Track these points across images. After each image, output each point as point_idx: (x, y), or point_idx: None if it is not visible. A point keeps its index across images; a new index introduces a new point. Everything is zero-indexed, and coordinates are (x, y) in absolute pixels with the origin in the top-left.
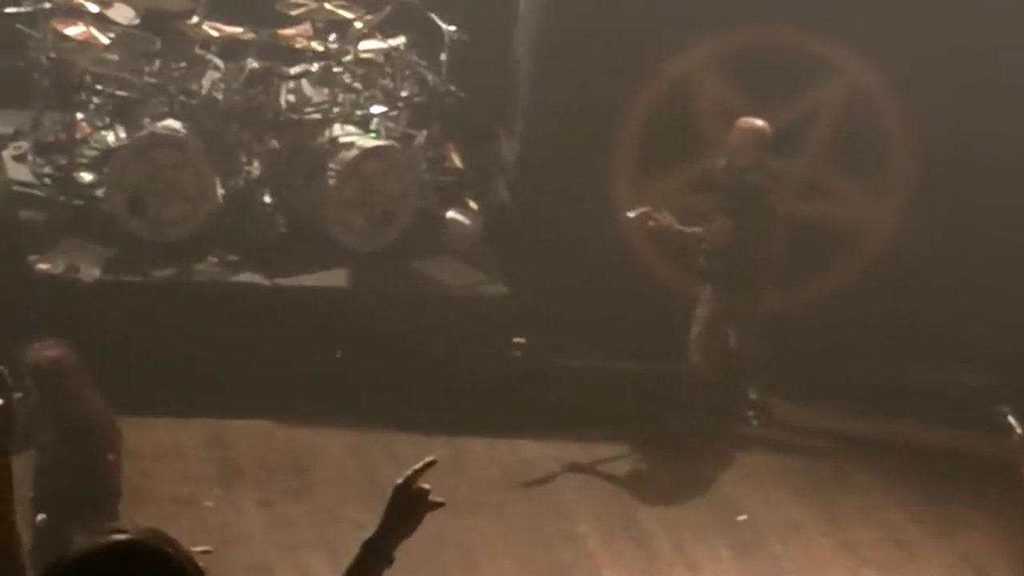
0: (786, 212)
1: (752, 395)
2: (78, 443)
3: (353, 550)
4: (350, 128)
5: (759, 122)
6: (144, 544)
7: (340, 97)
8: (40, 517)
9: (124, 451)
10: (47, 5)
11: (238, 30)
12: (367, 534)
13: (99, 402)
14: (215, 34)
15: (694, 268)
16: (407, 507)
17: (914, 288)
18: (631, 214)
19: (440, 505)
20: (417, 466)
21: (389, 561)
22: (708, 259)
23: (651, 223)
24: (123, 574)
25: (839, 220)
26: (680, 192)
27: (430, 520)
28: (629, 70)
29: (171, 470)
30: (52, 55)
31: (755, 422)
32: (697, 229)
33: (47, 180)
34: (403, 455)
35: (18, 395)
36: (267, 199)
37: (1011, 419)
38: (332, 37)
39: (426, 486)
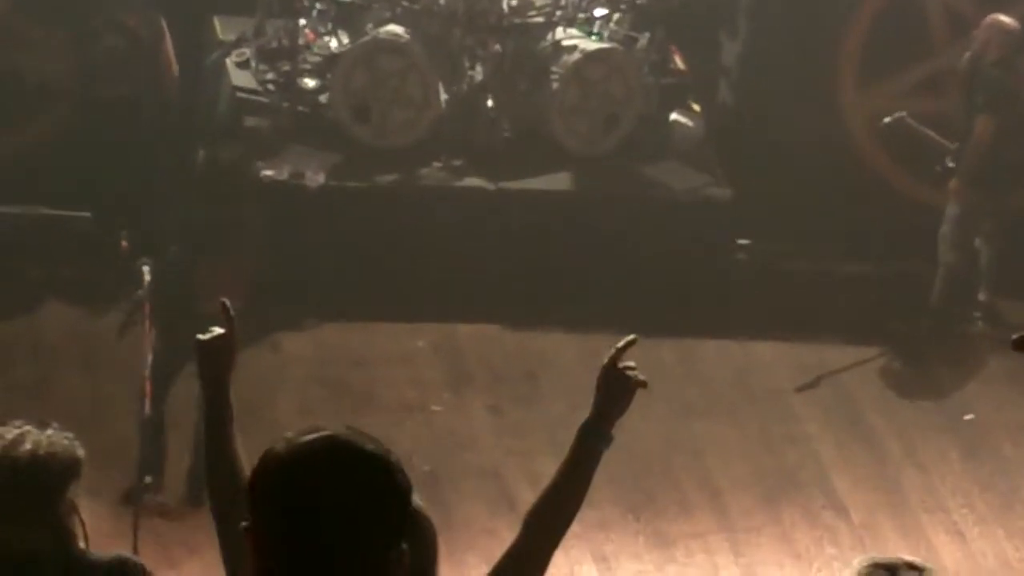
0: None
1: (982, 296)
2: None
3: None
4: (573, 31)
5: (1009, 19)
6: (355, 442)
7: (562, 0)
8: None
9: (353, 358)
10: None
11: None
12: None
13: None
14: None
15: (940, 169)
16: (615, 386)
17: None
18: (887, 120)
19: (644, 384)
20: (619, 344)
21: (607, 441)
22: (960, 158)
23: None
24: (338, 468)
25: None
26: (911, 93)
27: (659, 423)
28: None
29: (399, 376)
30: None
31: (981, 324)
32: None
33: (271, 87)
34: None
35: None
36: (490, 103)
37: None
38: None
39: (630, 363)
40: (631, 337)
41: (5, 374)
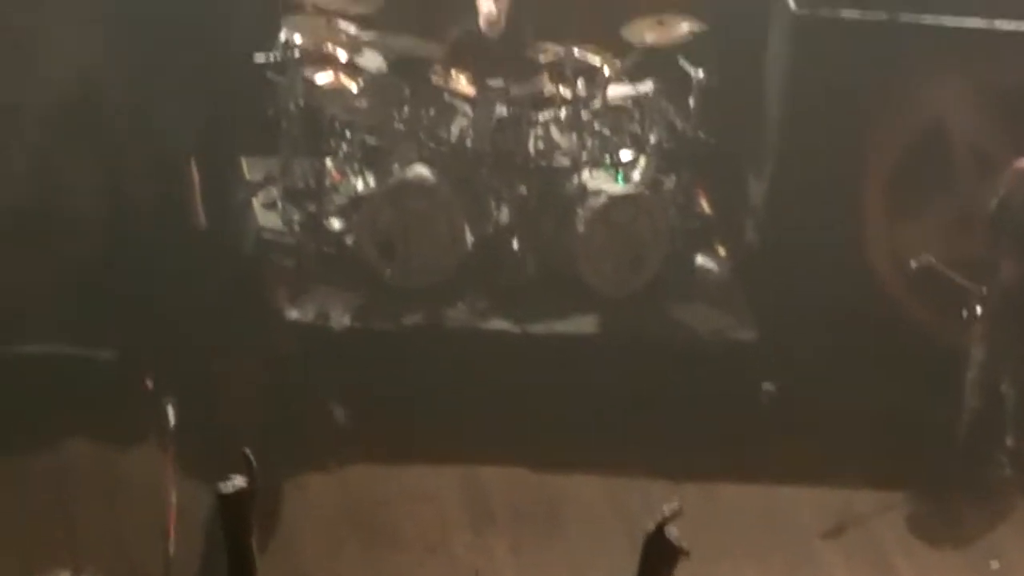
0: None
1: (1009, 441)
2: None
3: None
4: (599, 174)
5: None
6: None
7: (589, 143)
8: None
9: (377, 498)
10: (296, 53)
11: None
12: None
13: None
14: (464, 80)
15: (967, 313)
16: (659, 553)
17: None
18: (914, 264)
19: (687, 553)
20: (665, 514)
21: None
22: (987, 303)
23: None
24: None
25: None
26: (937, 233)
27: (684, 566)
28: (880, 110)
29: (423, 515)
30: (302, 102)
31: (1008, 469)
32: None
33: (297, 227)
34: (656, 501)
35: None
36: (516, 245)
37: None
38: (580, 83)
39: (675, 532)
40: (676, 506)
41: (31, 511)
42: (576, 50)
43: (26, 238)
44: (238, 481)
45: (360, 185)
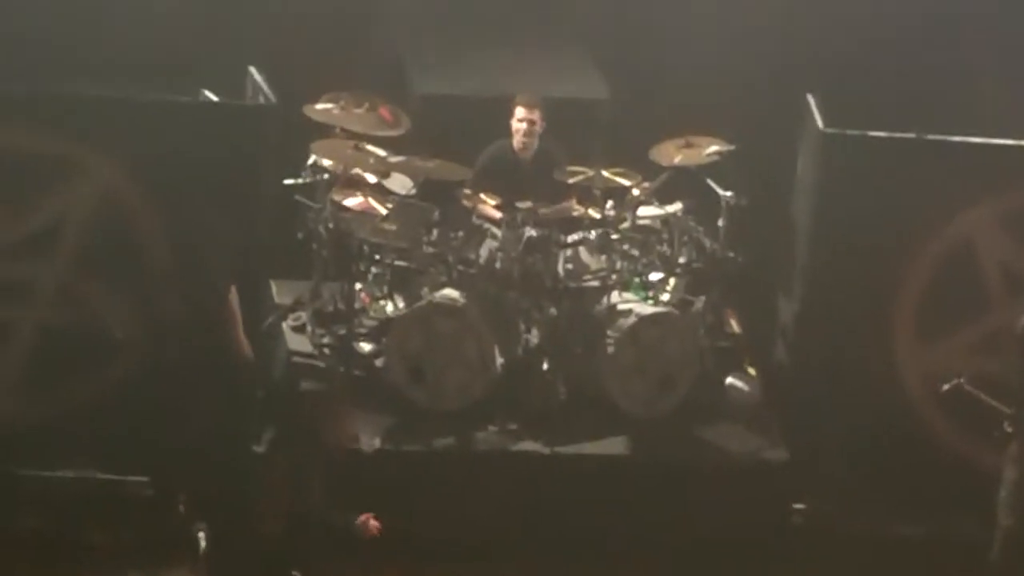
0: None
1: None
2: None
3: None
4: (628, 295)
5: None
6: None
7: (618, 264)
8: None
9: None
10: (325, 176)
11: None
12: None
13: None
14: (492, 203)
15: (998, 434)
16: None
17: None
18: (944, 385)
19: None
20: None
21: None
22: (1018, 423)
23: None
24: None
25: None
26: (967, 352)
27: None
28: (909, 230)
29: None
30: (330, 225)
31: None
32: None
33: (327, 350)
34: None
35: None
36: (546, 366)
37: None
38: (609, 204)
39: None
40: None
41: None
42: (604, 172)
43: (63, 363)
44: None
45: (390, 308)
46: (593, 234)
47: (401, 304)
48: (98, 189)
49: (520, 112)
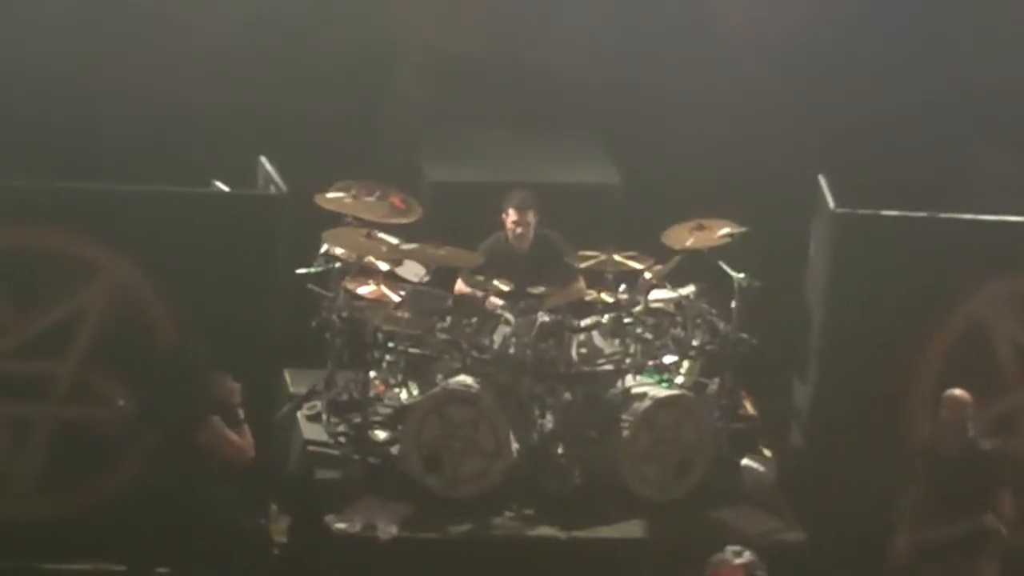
0: None
1: None
2: None
3: None
4: (642, 378)
5: None
6: None
7: (631, 347)
8: None
9: None
10: (337, 265)
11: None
12: None
13: None
14: (505, 289)
15: None
16: None
17: None
18: None
19: None
20: None
21: None
22: None
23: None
24: None
25: None
26: (983, 431)
27: None
28: (923, 310)
29: None
30: (344, 314)
31: None
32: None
33: (342, 439)
34: None
35: None
36: (561, 451)
37: None
38: (622, 288)
39: None
40: None
41: None
42: (616, 256)
43: (80, 457)
44: None
45: (404, 395)
46: (606, 318)
47: (415, 391)
48: (112, 284)
49: (512, 215)
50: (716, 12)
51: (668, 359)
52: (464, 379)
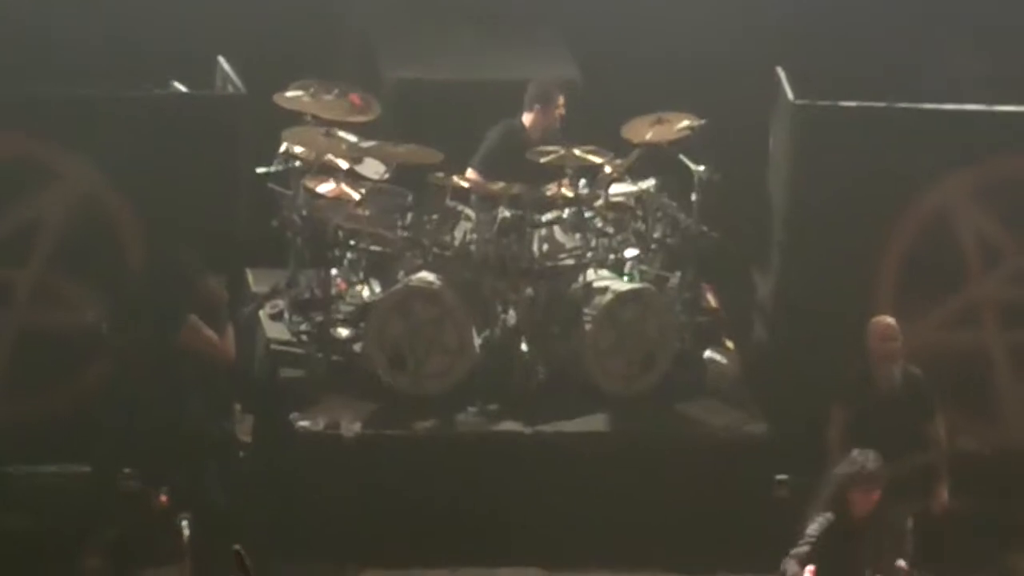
0: None
1: None
2: None
3: None
4: (604, 272)
5: None
6: None
7: (593, 242)
8: None
9: None
10: (298, 164)
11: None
12: None
13: None
14: (465, 185)
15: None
16: None
17: None
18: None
19: None
20: None
21: None
22: None
23: None
24: None
25: None
26: (945, 325)
27: None
28: (884, 203)
29: None
30: (305, 213)
31: None
32: None
33: (304, 337)
34: None
35: None
36: (524, 347)
37: None
38: (582, 183)
39: None
40: None
41: None
42: (576, 151)
43: (46, 362)
44: None
45: (366, 293)
46: (567, 213)
47: (378, 289)
48: (73, 187)
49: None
50: None
51: (629, 253)
52: (426, 276)
